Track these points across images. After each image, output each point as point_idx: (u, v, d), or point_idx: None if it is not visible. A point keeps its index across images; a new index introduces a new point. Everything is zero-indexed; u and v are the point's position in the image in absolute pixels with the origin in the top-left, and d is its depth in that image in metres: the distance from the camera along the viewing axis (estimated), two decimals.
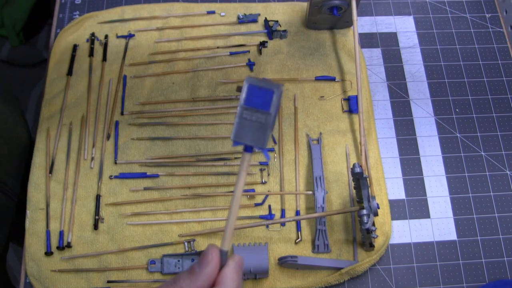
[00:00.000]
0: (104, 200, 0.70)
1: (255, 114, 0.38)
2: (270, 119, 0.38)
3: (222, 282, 0.39)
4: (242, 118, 0.38)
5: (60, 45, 0.81)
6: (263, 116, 0.38)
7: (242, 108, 0.38)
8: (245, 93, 0.38)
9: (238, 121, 0.38)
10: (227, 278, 0.39)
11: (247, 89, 0.38)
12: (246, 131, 0.39)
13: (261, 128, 0.38)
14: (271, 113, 0.38)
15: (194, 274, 0.39)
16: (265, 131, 0.38)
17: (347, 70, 0.80)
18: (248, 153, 0.39)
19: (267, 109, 0.38)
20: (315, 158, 0.72)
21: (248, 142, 0.39)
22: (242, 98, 0.38)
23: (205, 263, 0.39)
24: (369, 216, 0.60)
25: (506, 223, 0.71)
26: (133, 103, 0.77)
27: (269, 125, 0.38)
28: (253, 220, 0.69)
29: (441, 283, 0.67)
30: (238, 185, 0.40)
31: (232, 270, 0.40)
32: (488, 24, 0.86)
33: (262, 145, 0.38)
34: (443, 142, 0.76)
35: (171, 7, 0.84)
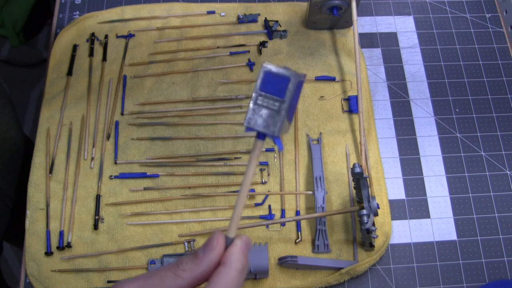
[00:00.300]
0: (104, 200, 0.70)
1: (270, 101, 0.37)
2: (284, 107, 0.37)
3: (227, 261, 0.38)
4: (256, 104, 0.37)
5: (60, 45, 0.81)
6: (278, 103, 0.37)
7: (257, 94, 0.37)
8: (260, 79, 0.37)
9: (251, 107, 0.37)
10: (233, 258, 0.38)
11: (263, 75, 0.37)
12: (259, 117, 0.38)
13: (274, 115, 0.37)
14: (285, 101, 0.37)
15: (198, 258, 0.38)
16: (278, 119, 0.37)
17: (347, 70, 0.80)
18: (260, 140, 0.39)
19: (282, 96, 0.37)
20: (315, 158, 0.72)
21: (260, 128, 0.38)
22: (258, 83, 0.37)
23: (209, 248, 0.38)
24: (369, 216, 0.60)
25: (506, 223, 0.71)
26: (133, 103, 0.77)
27: (283, 112, 0.37)
28: (253, 220, 0.69)
29: (441, 283, 0.67)
30: (249, 171, 0.39)
31: (239, 250, 0.39)
32: (488, 24, 0.86)
33: (273, 132, 0.38)
34: (443, 142, 0.76)
35: (171, 7, 0.84)
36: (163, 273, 0.37)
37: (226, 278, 0.37)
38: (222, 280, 0.37)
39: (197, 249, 0.39)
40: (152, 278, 0.37)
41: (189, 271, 0.37)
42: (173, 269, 0.37)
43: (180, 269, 0.37)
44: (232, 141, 0.74)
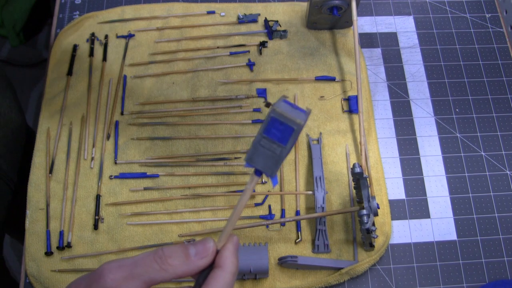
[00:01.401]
0: (104, 200, 0.70)
1: (272, 145, 0.39)
2: (284, 152, 0.39)
3: (223, 265, 0.40)
4: (259, 145, 0.40)
5: (60, 45, 0.81)
6: (279, 148, 0.39)
7: (261, 136, 0.39)
8: (267, 124, 0.39)
9: (254, 146, 0.40)
10: (228, 261, 0.40)
11: (270, 120, 0.39)
12: (260, 157, 0.40)
13: (274, 158, 0.40)
14: (287, 148, 0.39)
15: (189, 259, 0.39)
16: (277, 162, 0.40)
17: (347, 70, 0.80)
18: (257, 176, 0.41)
19: (284, 144, 0.39)
20: (315, 158, 0.72)
21: (259, 167, 0.40)
22: (263, 127, 0.39)
23: (203, 254, 0.39)
24: (369, 216, 0.60)
25: (506, 223, 0.71)
26: (133, 103, 0.77)
27: (283, 157, 0.39)
28: (253, 220, 0.69)
29: (441, 283, 0.67)
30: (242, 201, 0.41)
31: (232, 253, 0.40)
32: (488, 24, 0.86)
33: (271, 174, 0.40)
34: (443, 142, 0.76)
35: (171, 7, 0.84)
36: (149, 264, 0.38)
37: (222, 281, 0.39)
38: (219, 284, 0.38)
39: (188, 246, 0.39)
40: (138, 268, 0.38)
41: (176, 267, 0.38)
42: (160, 261, 0.38)
43: (167, 263, 0.38)
44: (232, 141, 0.74)
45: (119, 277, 0.38)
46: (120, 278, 0.38)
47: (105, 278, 0.38)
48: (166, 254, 0.39)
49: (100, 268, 0.39)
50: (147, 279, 0.38)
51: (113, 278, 0.38)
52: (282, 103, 0.40)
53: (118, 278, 0.38)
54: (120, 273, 0.38)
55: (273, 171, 0.40)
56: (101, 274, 0.38)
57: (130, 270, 0.38)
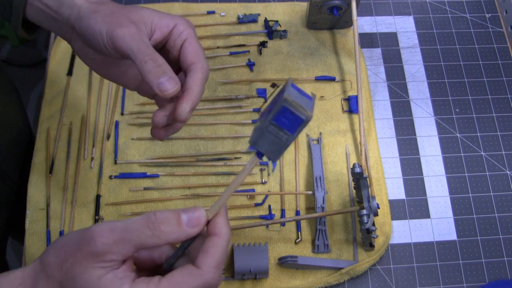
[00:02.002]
0: (104, 200, 0.70)
1: (279, 132, 0.39)
2: (290, 140, 0.39)
3: (220, 233, 0.40)
4: (266, 130, 0.39)
5: (60, 45, 0.81)
6: (286, 136, 0.39)
7: (269, 122, 0.39)
8: (277, 112, 0.38)
9: (260, 131, 0.39)
10: (224, 229, 0.41)
11: (281, 108, 0.38)
12: (264, 141, 0.40)
13: (279, 145, 0.39)
14: (294, 136, 0.39)
15: (180, 227, 0.39)
16: (282, 149, 0.40)
17: (347, 70, 0.80)
18: (258, 158, 0.41)
19: (292, 133, 0.39)
20: (315, 158, 0.72)
21: (263, 151, 0.40)
22: (273, 114, 0.39)
23: (195, 223, 0.40)
24: (369, 216, 0.60)
25: (506, 223, 0.71)
26: (133, 103, 0.77)
27: (288, 144, 0.39)
28: (253, 220, 0.69)
29: (441, 283, 0.67)
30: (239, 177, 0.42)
31: (226, 221, 0.41)
32: (488, 24, 0.86)
33: (274, 159, 0.40)
34: (443, 142, 0.76)
35: (171, 7, 0.84)
36: (141, 230, 0.38)
37: (221, 248, 0.40)
38: (218, 250, 0.40)
39: (180, 213, 0.39)
40: (129, 233, 0.38)
41: (168, 234, 0.39)
42: (152, 227, 0.38)
43: (159, 229, 0.38)
44: (232, 141, 0.74)
45: (110, 241, 0.38)
46: (112, 242, 0.38)
47: (95, 241, 0.38)
48: (159, 220, 0.39)
49: (91, 230, 0.38)
50: (138, 244, 0.38)
51: (104, 242, 0.37)
52: (291, 89, 0.39)
53: (109, 242, 0.38)
54: (112, 237, 0.38)
55: (277, 156, 0.40)
56: (92, 237, 0.38)
57: (121, 234, 0.38)
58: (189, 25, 0.49)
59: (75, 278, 0.38)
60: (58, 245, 0.40)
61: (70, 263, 0.38)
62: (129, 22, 0.46)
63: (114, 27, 0.45)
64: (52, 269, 0.39)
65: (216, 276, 0.39)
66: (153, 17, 0.48)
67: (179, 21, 0.48)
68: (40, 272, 0.40)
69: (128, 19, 0.46)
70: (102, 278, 0.38)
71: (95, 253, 0.38)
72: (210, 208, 0.41)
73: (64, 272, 0.39)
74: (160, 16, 0.48)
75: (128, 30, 0.45)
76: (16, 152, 0.77)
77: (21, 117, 0.80)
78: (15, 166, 0.76)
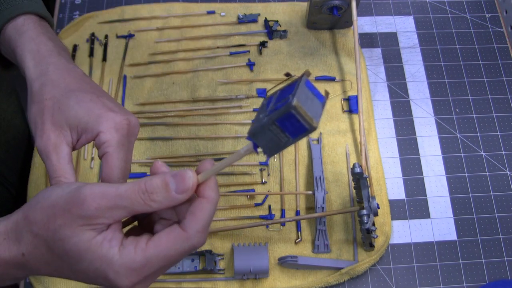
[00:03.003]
0: None
1: (280, 133, 0.38)
2: (289, 143, 0.39)
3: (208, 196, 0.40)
4: (267, 127, 0.38)
5: None
6: (286, 138, 0.38)
7: (272, 121, 0.38)
8: (282, 114, 0.37)
9: (261, 127, 0.38)
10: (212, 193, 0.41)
11: (287, 113, 0.37)
12: (263, 137, 0.39)
13: (278, 145, 0.39)
14: (294, 141, 0.38)
15: (170, 194, 0.39)
16: (278, 149, 0.39)
17: (347, 70, 0.80)
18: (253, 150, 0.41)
19: (293, 138, 0.38)
20: (315, 158, 0.72)
21: (260, 145, 0.40)
22: (277, 115, 0.38)
23: (183, 189, 0.39)
24: (369, 216, 0.60)
25: (506, 223, 0.71)
26: (133, 103, 0.77)
27: (286, 146, 0.39)
28: (253, 220, 0.69)
29: (441, 283, 0.67)
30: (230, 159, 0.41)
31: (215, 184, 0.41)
32: (488, 24, 0.86)
33: (270, 155, 0.40)
34: (443, 142, 0.76)
35: (171, 7, 0.84)
36: (133, 198, 0.38)
37: (208, 211, 0.40)
38: (205, 214, 0.40)
39: (168, 180, 0.39)
40: (123, 200, 0.38)
41: (158, 202, 0.39)
42: (144, 196, 0.38)
43: (150, 199, 0.39)
44: (232, 141, 0.74)
45: (103, 207, 0.38)
46: (104, 207, 0.38)
47: (88, 205, 0.37)
48: (149, 190, 0.39)
49: (82, 193, 0.38)
50: (131, 211, 0.39)
51: (97, 207, 0.37)
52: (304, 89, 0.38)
53: (101, 208, 0.38)
54: (105, 203, 0.38)
55: (272, 153, 0.40)
56: (84, 200, 0.38)
57: (114, 201, 0.38)
58: (117, 132, 0.46)
59: (64, 240, 0.38)
60: (46, 204, 0.39)
61: (58, 224, 0.38)
62: (53, 126, 0.46)
63: (39, 131, 0.46)
64: (38, 228, 0.39)
65: (201, 240, 0.40)
66: (80, 119, 0.46)
67: (106, 128, 0.46)
68: (25, 228, 0.40)
69: (55, 122, 0.46)
70: (92, 241, 0.38)
71: (86, 217, 0.37)
72: (202, 174, 0.41)
73: (52, 232, 0.38)
74: (89, 117, 0.46)
75: (46, 140, 0.45)
76: (14, 155, 0.77)
77: (19, 119, 0.79)
78: (13, 169, 0.76)
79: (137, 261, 0.38)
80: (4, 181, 0.73)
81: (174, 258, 0.40)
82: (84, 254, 0.38)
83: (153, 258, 0.38)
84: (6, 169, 0.74)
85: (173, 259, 0.40)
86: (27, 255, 0.40)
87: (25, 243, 0.40)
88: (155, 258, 0.39)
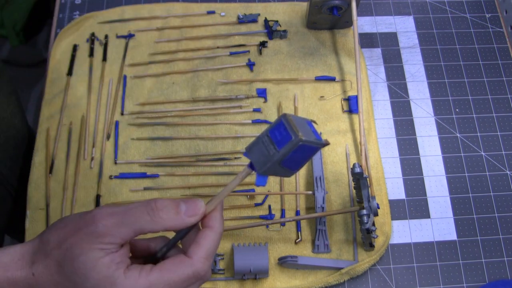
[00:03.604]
0: (104, 200, 0.70)
1: (270, 145, 0.41)
2: (276, 156, 0.41)
3: (213, 226, 0.42)
4: (261, 140, 0.42)
5: (60, 45, 0.81)
6: (273, 150, 0.41)
7: (266, 133, 0.41)
8: (275, 125, 0.41)
9: (257, 140, 0.42)
10: (217, 223, 0.42)
11: (278, 123, 0.41)
12: (257, 151, 0.42)
13: (266, 157, 0.41)
14: (279, 153, 0.41)
15: (179, 216, 0.41)
16: (267, 162, 0.41)
17: (347, 70, 0.80)
18: (250, 169, 0.43)
19: (278, 148, 0.41)
20: (315, 158, 0.72)
21: (252, 159, 0.42)
22: (271, 126, 0.42)
23: (192, 213, 0.41)
24: (369, 216, 0.60)
25: (506, 223, 0.71)
26: (133, 103, 0.77)
27: (273, 160, 0.41)
28: (253, 220, 0.69)
29: (441, 283, 0.67)
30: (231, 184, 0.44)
31: (220, 216, 0.43)
32: (488, 24, 0.86)
33: (259, 169, 0.42)
34: (443, 142, 0.76)
35: (171, 7, 0.84)
36: (140, 214, 0.40)
37: (212, 240, 0.42)
38: (210, 243, 0.41)
39: (179, 202, 0.41)
40: (129, 217, 0.39)
41: (166, 221, 0.40)
42: (151, 213, 0.40)
43: (158, 216, 0.40)
44: (232, 141, 0.74)
45: (110, 224, 0.39)
46: (111, 224, 0.39)
47: (96, 222, 0.39)
48: (158, 207, 0.40)
49: (93, 213, 0.40)
50: (137, 228, 0.40)
51: (105, 224, 0.39)
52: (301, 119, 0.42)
53: (109, 225, 0.39)
54: (112, 220, 0.39)
55: (261, 168, 0.42)
56: (94, 219, 0.39)
57: (121, 217, 0.39)
58: None
59: (73, 258, 0.39)
60: (59, 225, 0.41)
61: (69, 243, 0.39)
62: None
63: None
64: (51, 247, 0.40)
65: (205, 267, 0.41)
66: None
67: None
68: (39, 249, 0.41)
69: None
70: (99, 261, 0.38)
71: (94, 234, 0.39)
72: (209, 202, 0.43)
73: (63, 251, 0.39)
74: None
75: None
76: (14, 155, 0.77)
77: (19, 119, 0.79)
78: (13, 169, 0.76)
79: (140, 283, 0.38)
80: (4, 181, 0.73)
81: (178, 284, 0.40)
82: (90, 273, 0.38)
83: (156, 281, 0.39)
84: (6, 169, 0.74)
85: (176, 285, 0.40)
86: (37, 275, 0.40)
87: (37, 264, 0.40)
88: (158, 281, 0.39)
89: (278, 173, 0.43)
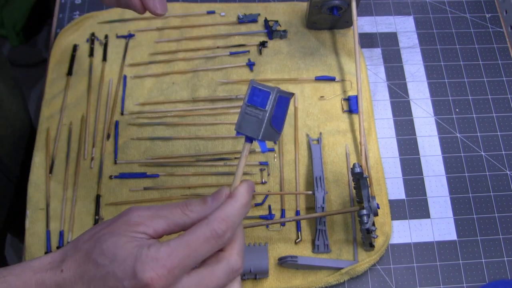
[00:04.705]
0: (104, 200, 0.70)
1: (255, 111, 0.45)
2: (266, 115, 0.45)
3: (235, 195, 0.44)
4: (245, 113, 0.45)
5: (60, 45, 0.81)
6: (261, 112, 0.45)
7: (245, 105, 0.45)
8: (248, 94, 0.45)
9: (241, 115, 0.46)
10: (239, 193, 0.44)
11: (251, 90, 0.45)
12: (247, 124, 0.45)
13: (258, 122, 0.45)
14: (267, 110, 0.45)
15: (206, 204, 0.43)
16: (261, 125, 0.45)
17: (347, 70, 0.80)
18: (248, 143, 0.46)
19: (264, 107, 0.45)
20: (315, 158, 0.72)
21: (247, 133, 0.45)
22: (246, 97, 0.45)
23: (218, 198, 0.44)
24: (369, 216, 0.60)
25: (506, 223, 0.71)
26: (133, 103, 0.77)
27: (265, 120, 0.45)
28: (253, 220, 0.69)
29: (441, 283, 0.67)
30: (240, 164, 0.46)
31: (245, 188, 0.44)
32: (488, 24, 0.86)
33: (257, 136, 0.45)
34: (443, 142, 0.76)
35: (171, 7, 0.84)
36: (172, 209, 0.42)
37: (231, 208, 0.42)
38: (228, 209, 0.42)
39: (206, 196, 0.44)
40: (163, 211, 0.42)
41: (196, 213, 0.43)
42: (182, 208, 0.43)
43: (188, 209, 0.43)
44: (232, 141, 0.74)
45: (145, 214, 0.41)
46: (146, 215, 0.41)
47: (132, 213, 0.42)
48: (187, 203, 0.43)
49: (128, 209, 0.42)
50: (170, 222, 0.42)
51: (140, 214, 0.41)
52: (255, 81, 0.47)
53: (144, 215, 0.41)
54: (147, 212, 0.42)
55: (258, 134, 0.45)
56: (128, 212, 0.42)
57: (155, 210, 0.42)
58: None
59: (103, 241, 0.40)
60: (93, 226, 0.43)
61: (102, 233, 0.41)
62: None
63: None
64: (82, 242, 0.42)
65: (222, 226, 0.41)
66: None
67: None
68: (71, 248, 0.42)
69: None
70: (129, 242, 0.40)
71: (129, 223, 0.41)
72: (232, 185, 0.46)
73: (94, 241, 0.41)
74: None
75: None
76: (18, 147, 0.77)
77: (24, 112, 0.80)
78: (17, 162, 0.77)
79: (162, 250, 0.39)
80: (8, 173, 0.74)
81: (198, 246, 0.40)
82: (118, 252, 0.39)
83: (176, 246, 0.40)
84: (10, 162, 0.74)
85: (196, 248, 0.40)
86: (65, 270, 0.41)
87: (67, 260, 0.41)
88: (178, 245, 0.40)
89: (271, 136, 0.46)
